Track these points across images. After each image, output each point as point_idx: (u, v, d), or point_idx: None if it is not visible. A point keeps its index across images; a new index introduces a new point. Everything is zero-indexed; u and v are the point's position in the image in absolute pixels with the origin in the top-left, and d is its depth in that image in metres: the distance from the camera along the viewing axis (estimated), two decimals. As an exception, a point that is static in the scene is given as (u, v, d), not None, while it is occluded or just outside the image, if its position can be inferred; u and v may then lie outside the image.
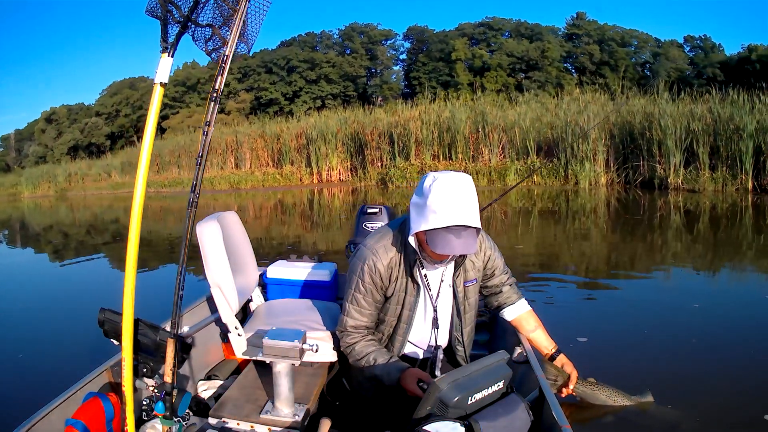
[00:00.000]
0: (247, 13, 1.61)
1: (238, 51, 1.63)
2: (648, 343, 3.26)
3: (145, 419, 1.64)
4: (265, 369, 2.04)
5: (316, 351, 1.76)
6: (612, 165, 13.41)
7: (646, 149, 12.72)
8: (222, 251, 2.04)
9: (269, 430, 1.76)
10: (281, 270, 2.67)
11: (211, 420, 1.80)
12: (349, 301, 1.82)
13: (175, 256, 7.22)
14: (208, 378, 2.32)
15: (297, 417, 1.77)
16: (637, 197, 11.19)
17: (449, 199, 1.56)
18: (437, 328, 1.85)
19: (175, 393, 1.63)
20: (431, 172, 1.69)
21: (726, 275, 5.43)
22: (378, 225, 2.85)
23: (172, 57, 1.59)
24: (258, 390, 1.96)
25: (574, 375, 1.98)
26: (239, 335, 2.08)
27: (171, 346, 1.63)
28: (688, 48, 39.40)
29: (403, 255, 1.77)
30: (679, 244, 6.86)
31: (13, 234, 12.61)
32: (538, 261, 5.97)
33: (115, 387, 1.80)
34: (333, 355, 2.02)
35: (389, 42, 41.92)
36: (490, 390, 1.46)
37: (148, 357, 1.74)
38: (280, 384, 1.76)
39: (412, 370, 1.70)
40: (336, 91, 38.04)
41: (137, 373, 1.70)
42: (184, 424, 1.65)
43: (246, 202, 13.74)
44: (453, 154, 15.11)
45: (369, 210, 2.95)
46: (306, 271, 2.66)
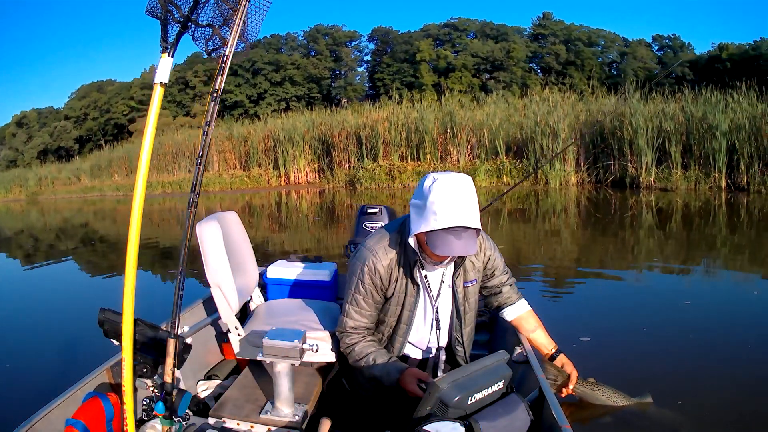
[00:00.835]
0: (247, 13, 1.61)
1: (237, 51, 1.63)
2: (643, 342, 3.26)
3: (145, 419, 1.64)
4: (265, 369, 2.05)
5: (316, 351, 1.76)
6: (582, 164, 13.45)
7: (617, 148, 12.77)
8: (222, 251, 2.04)
9: (269, 430, 1.76)
10: (281, 270, 2.67)
11: (211, 420, 1.80)
12: (349, 302, 1.82)
13: (157, 259, 7.19)
14: (208, 378, 2.32)
15: (297, 417, 1.77)
16: (608, 196, 11.24)
17: (449, 200, 1.56)
18: (437, 328, 1.85)
19: (175, 393, 1.63)
20: (431, 172, 1.69)
21: (710, 272, 5.46)
22: (378, 225, 2.85)
23: (172, 57, 1.59)
24: (258, 390, 1.96)
25: (574, 375, 1.98)
26: (239, 335, 2.08)
27: (171, 346, 1.63)
28: (656, 47, 39.84)
29: (403, 256, 1.77)
30: (659, 242, 6.90)
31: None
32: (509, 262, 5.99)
33: (115, 387, 1.80)
34: (333, 355, 2.02)
35: (354, 43, 42.06)
36: (490, 390, 1.46)
37: (148, 357, 1.73)
38: (280, 384, 1.76)
39: (411, 370, 1.70)
40: (300, 93, 38.00)
41: (137, 373, 1.70)
42: (184, 424, 1.65)
43: (214, 205, 13.64)
44: (421, 154, 15.13)
45: (369, 210, 2.95)
46: (306, 271, 2.66)
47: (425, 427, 1.34)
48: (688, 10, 63.64)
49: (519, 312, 1.99)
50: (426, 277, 1.80)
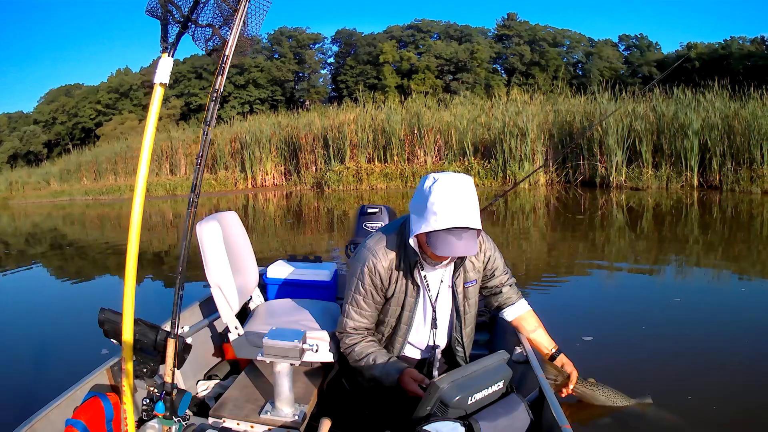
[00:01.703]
0: (247, 13, 1.61)
1: (245, 54, 1.63)
2: (642, 342, 3.27)
3: (145, 419, 1.64)
4: (265, 369, 2.05)
5: (316, 351, 1.76)
6: (551, 165, 13.45)
7: (586, 148, 12.78)
8: (222, 251, 2.04)
9: (269, 430, 1.76)
10: (281, 270, 2.67)
11: (211, 420, 1.80)
12: (349, 303, 1.82)
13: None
14: (208, 378, 2.32)
15: (297, 417, 1.77)
16: (578, 196, 11.25)
17: (449, 201, 1.56)
18: (436, 328, 1.85)
19: (175, 393, 1.63)
20: (431, 173, 1.68)
21: (693, 269, 5.50)
22: (378, 225, 2.85)
23: (172, 57, 1.59)
24: (258, 390, 1.96)
25: (574, 375, 1.98)
26: (239, 335, 2.08)
27: (171, 346, 1.63)
28: (623, 47, 40.24)
29: (403, 256, 1.77)
30: (635, 240, 6.94)
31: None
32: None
33: (115, 387, 1.80)
34: (333, 355, 2.02)
35: (317, 46, 42.16)
36: (490, 390, 1.47)
37: (148, 357, 1.74)
38: (280, 384, 1.76)
39: (410, 370, 1.70)
40: (264, 96, 38.00)
41: (137, 373, 1.70)
42: (184, 424, 1.65)
43: (182, 208, 13.53)
44: (388, 156, 15.08)
45: (369, 210, 2.95)
46: (306, 271, 2.66)
47: (425, 427, 1.34)
48: (656, 10, 64.55)
49: (519, 312, 1.99)
50: (426, 278, 1.80)
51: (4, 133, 40.77)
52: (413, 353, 1.94)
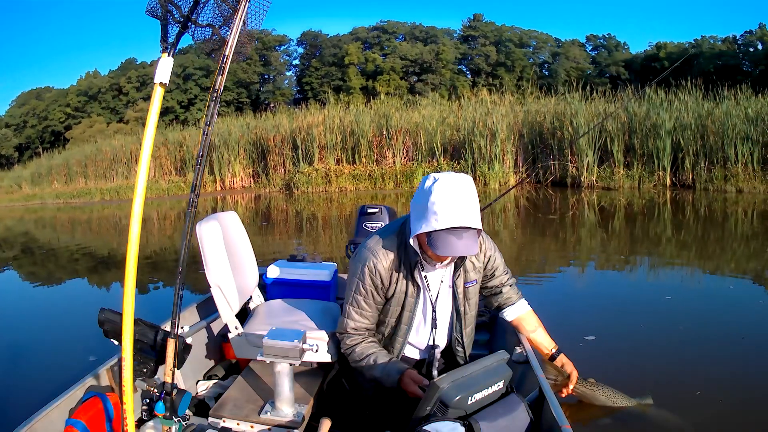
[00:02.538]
0: (247, 13, 1.61)
1: (241, 60, 1.63)
2: (641, 341, 3.27)
3: (145, 419, 1.64)
4: (265, 369, 2.04)
5: (316, 351, 1.76)
6: (521, 165, 13.47)
7: (557, 149, 12.79)
8: (222, 251, 2.04)
9: (269, 430, 1.76)
10: (281, 270, 2.67)
11: (211, 420, 1.80)
12: (350, 303, 1.82)
13: (101, 268, 7.09)
14: (208, 378, 2.32)
15: (297, 417, 1.77)
16: (548, 196, 11.28)
17: (450, 201, 1.56)
18: (437, 329, 1.85)
19: (175, 393, 1.63)
20: (432, 173, 1.68)
21: (676, 267, 5.52)
22: (378, 225, 2.85)
23: (172, 57, 1.59)
24: (258, 390, 1.96)
25: (574, 375, 1.98)
26: (239, 335, 2.08)
27: (171, 346, 1.63)
28: (590, 47, 40.51)
29: (404, 256, 1.76)
30: (602, 238, 7.00)
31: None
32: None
33: (115, 387, 1.80)
34: (333, 356, 2.02)
35: (283, 48, 42.10)
36: (490, 390, 1.46)
37: (148, 357, 1.74)
38: (280, 384, 1.76)
39: (410, 372, 1.70)
40: (230, 98, 37.85)
41: (137, 373, 1.70)
42: (184, 424, 1.65)
43: (151, 212, 13.45)
44: (357, 158, 15.06)
45: (369, 210, 2.95)
46: (306, 271, 2.66)
47: (425, 427, 1.34)
48: (625, 10, 64.84)
49: (519, 312, 1.99)
50: (426, 278, 1.80)
51: (-23, 137, 40.57)
52: (413, 353, 1.94)
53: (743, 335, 3.30)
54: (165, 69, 1.57)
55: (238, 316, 2.08)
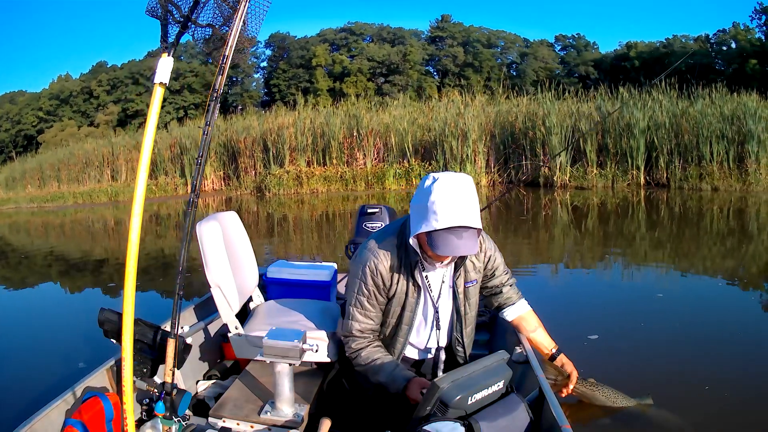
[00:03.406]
0: (247, 13, 1.61)
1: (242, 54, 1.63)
2: (638, 340, 3.27)
3: (145, 419, 1.64)
4: (265, 369, 2.04)
5: (316, 351, 1.76)
6: (493, 166, 13.47)
7: (529, 149, 12.81)
8: (222, 251, 2.04)
9: (269, 430, 1.76)
10: (281, 270, 2.67)
11: (211, 420, 1.80)
12: (353, 305, 1.80)
13: (77, 272, 7.01)
14: (208, 378, 2.32)
15: (297, 417, 1.77)
16: (521, 196, 11.32)
17: (449, 200, 1.56)
18: (438, 329, 1.85)
19: (175, 393, 1.63)
20: (431, 173, 1.68)
21: (661, 265, 5.57)
22: (378, 225, 2.85)
23: (172, 57, 1.59)
24: (258, 390, 1.96)
25: (574, 375, 1.98)
26: (239, 335, 2.08)
27: (171, 346, 1.63)
28: (559, 47, 40.55)
29: (404, 257, 1.76)
30: (584, 238, 7.05)
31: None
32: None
33: (115, 387, 1.80)
34: (333, 355, 2.02)
35: (252, 49, 41.93)
36: (490, 390, 1.46)
37: (148, 357, 1.74)
38: (280, 384, 1.76)
39: (417, 379, 1.70)
40: (198, 101, 37.44)
41: (137, 373, 1.70)
42: (184, 424, 1.65)
43: (123, 215, 13.33)
44: (327, 159, 15.03)
45: (369, 210, 2.95)
46: (306, 271, 2.66)
47: (425, 427, 1.34)
48: (594, 9, 65.25)
49: (519, 312, 1.98)
50: (427, 278, 1.79)
51: (-48, 141, 39.95)
52: (413, 353, 1.94)
53: (743, 334, 3.31)
54: (165, 69, 1.57)
55: (238, 316, 2.08)
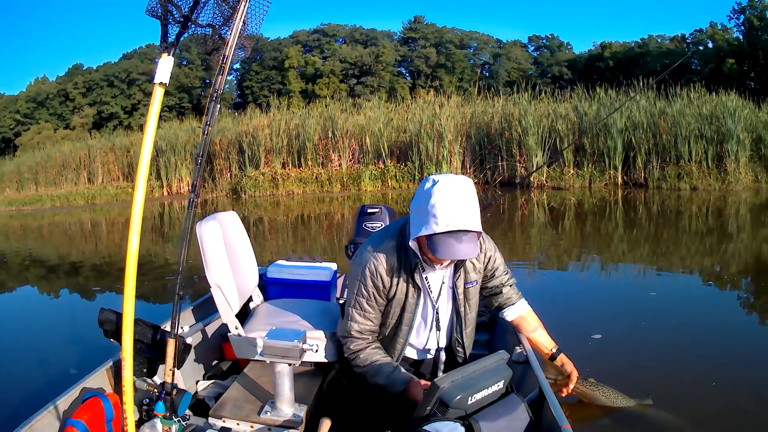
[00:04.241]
0: (247, 13, 1.61)
1: (241, 56, 1.63)
2: (636, 339, 3.28)
3: (145, 419, 1.64)
4: (265, 369, 2.04)
5: (316, 351, 1.76)
6: (468, 166, 13.50)
7: (505, 149, 12.84)
8: (222, 251, 2.04)
9: (269, 430, 1.76)
10: (281, 270, 2.66)
11: (211, 420, 1.80)
12: (353, 306, 1.80)
13: (62, 276, 6.92)
14: (208, 378, 2.32)
15: (297, 417, 1.77)
16: (495, 196, 11.34)
17: (449, 204, 1.55)
18: (438, 329, 1.85)
19: (175, 393, 1.63)
20: (431, 175, 1.68)
21: (649, 263, 5.63)
22: (378, 225, 2.85)
23: (172, 57, 1.59)
24: (258, 390, 1.96)
25: (574, 375, 1.98)
26: (239, 335, 2.08)
27: (171, 346, 1.63)
28: (532, 48, 40.68)
29: (404, 258, 1.76)
30: (560, 236, 7.11)
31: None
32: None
33: (115, 387, 1.80)
34: (333, 355, 2.02)
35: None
36: (490, 390, 1.47)
37: (148, 357, 1.74)
38: (280, 384, 1.76)
39: (416, 381, 1.70)
40: (172, 103, 37.18)
41: (137, 373, 1.70)
42: (184, 424, 1.65)
43: (100, 217, 13.40)
44: (303, 161, 15.02)
45: (369, 210, 2.94)
46: (306, 272, 2.66)
47: (425, 427, 1.34)
48: (568, 10, 65.74)
49: (519, 312, 1.98)
50: (426, 279, 1.79)
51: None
52: (412, 354, 1.94)
53: (743, 334, 3.31)
54: (165, 69, 1.57)
55: (238, 316, 2.08)
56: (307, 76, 37.72)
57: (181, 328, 2.00)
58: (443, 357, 1.89)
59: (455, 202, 1.56)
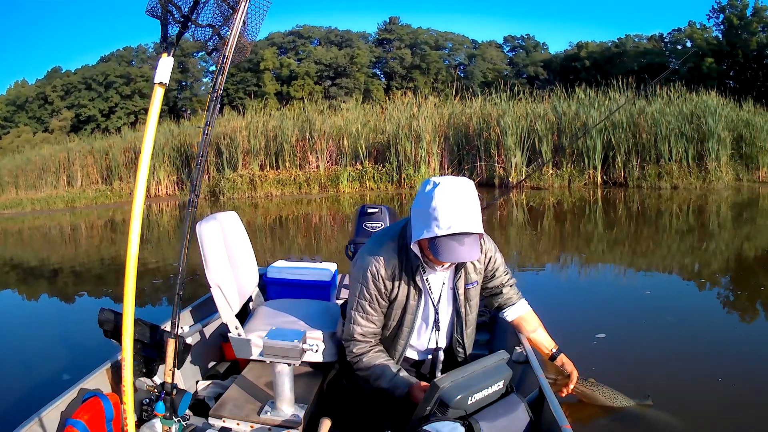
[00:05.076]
0: (247, 13, 1.61)
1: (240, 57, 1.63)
2: (634, 338, 3.28)
3: (145, 419, 1.64)
4: (265, 369, 2.04)
5: (316, 351, 1.76)
6: (447, 167, 13.51)
7: (483, 150, 12.85)
8: (222, 251, 2.04)
9: (269, 430, 1.76)
10: (281, 270, 2.67)
11: (211, 420, 1.80)
12: (355, 309, 1.79)
13: (45, 280, 6.85)
14: (208, 378, 2.32)
15: (297, 417, 1.77)
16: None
17: (451, 206, 1.55)
18: (438, 330, 1.85)
19: (175, 393, 1.63)
20: (431, 177, 1.68)
21: (639, 262, 5.65)
22: (378, 225, 2.85)
23: (172, 57, 1.59)
24: (258, 390, 1.96)
25: (574, 375, 1.98)
26: (239, 335, 2.08)
27: (171, 346, 1.63)
28: (507, 48, 40.88)
29: (405, 261, 1.75)
30: (539, 237, 7.12)
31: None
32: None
33: (115, 387, 1.80)
34: (333, 356, 2.02)
35: (200, 54, 40.97)
36: (490, 390, 1.47)
37: (148, 357, 1.74)
38: (280, 384, 1.76)
39: (419, 384, 1.70)
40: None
41: (137, 373, 1.70)
42: (184, 424, 1.65)
43: (79, 221, 13.24)
44: (280, 162, 14.99)
45: (369, 210, 2.94)
46: (306, 271, 2.66)
47: (425, 427, 1.34)
48: (544, 10, 66.07)
49: (520, 312, 1.98)
50: (428, 281, 1.79)
51: None
52: (412, 354, 1.93)
53: (743, 334, 3.31)
54: (165, 69, 1.57)
55: (238, 316, 2.08)
56: (282, 78, 37.76)
57: (181, 328, 2.00)
58: (441, 356, 1.89)
59: (457, 204, 1.55)
